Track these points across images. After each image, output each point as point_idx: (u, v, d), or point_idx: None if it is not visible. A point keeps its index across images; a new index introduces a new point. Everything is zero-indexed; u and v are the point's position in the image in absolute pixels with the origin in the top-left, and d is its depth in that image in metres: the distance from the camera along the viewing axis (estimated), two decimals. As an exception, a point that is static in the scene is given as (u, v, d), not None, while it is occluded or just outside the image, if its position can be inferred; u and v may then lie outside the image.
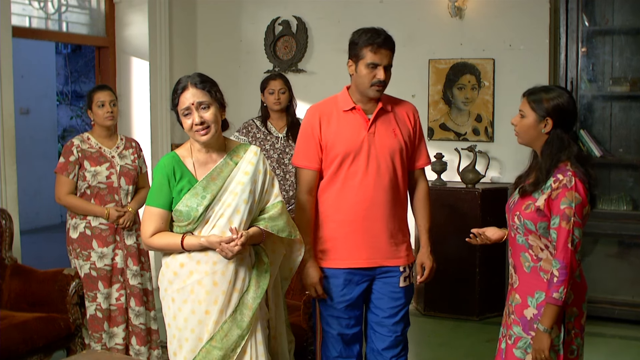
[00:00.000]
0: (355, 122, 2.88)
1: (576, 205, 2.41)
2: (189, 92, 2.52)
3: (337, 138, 2.86)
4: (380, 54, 2.78)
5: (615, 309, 4.78)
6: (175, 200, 2.54)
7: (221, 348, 2.51)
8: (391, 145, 2.88)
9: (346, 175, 2.87)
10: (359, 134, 2.86)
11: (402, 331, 2.96)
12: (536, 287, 2.50)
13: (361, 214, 2.86)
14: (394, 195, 2.90)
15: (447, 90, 5.29)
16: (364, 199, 2.85)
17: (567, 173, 2.45)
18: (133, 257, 3.77)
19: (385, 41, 2.79)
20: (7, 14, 4.25)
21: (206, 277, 2.51)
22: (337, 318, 2.92)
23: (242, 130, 4.20)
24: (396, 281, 2.92)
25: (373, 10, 5.41)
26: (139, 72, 5.33)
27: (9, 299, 3.70)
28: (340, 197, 2.88)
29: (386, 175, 2.86)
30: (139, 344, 3.76)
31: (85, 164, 3.69)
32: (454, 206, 4.86)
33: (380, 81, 2.79)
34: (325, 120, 2.90)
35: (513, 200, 2.59)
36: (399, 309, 2.94)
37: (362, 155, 2.85)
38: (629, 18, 4.85)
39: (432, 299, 5.00)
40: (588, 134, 4.87)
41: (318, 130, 2.89)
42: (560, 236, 2.40)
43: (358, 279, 2.90)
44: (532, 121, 2.51)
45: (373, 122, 2.87)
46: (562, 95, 2.52)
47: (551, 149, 2.50)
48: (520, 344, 2.52)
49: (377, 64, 2.78)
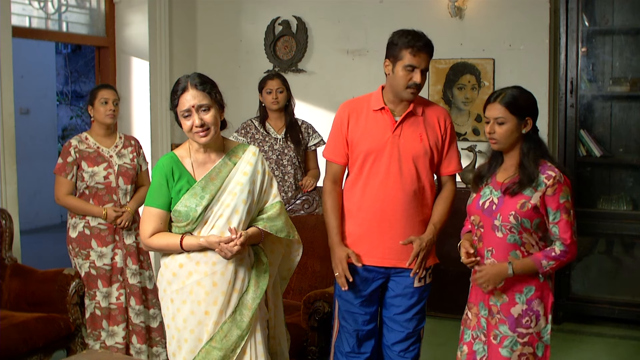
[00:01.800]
0: (382, 122, 2.90)
1: (570, 197, 2.49)
2: (189, 93, 2.51)
3: (363, 136, 2.90)
4: (419, 57, 2.80)
5: (615, 309, 4.77)
6: (174, 201, 2.54)
7: (221, 348, 2.51)
8: (415, 149, 2.88)
9: (368, 174, 2.90)
10: (384, 135, 2.88)
11: (415, 328, 2.98)
12: (525, 283, 2.53)
13: (379, 214, 2.88)
14: (415, 199, 2.89)
15: (447, 90, 5.29)
16: (383, 199, 2.88)
17: (554, 169, 2.49)
18: (132, 256, 3.77)
19: (425, 45, 2.82)
20: (7, 14, 4.25)
21: (205, 278, 2.51)
22: (353, 314, 2.97)
23: (240, 131, 4.20)
24: (410, 281, 2.94)
25: (373, 10, 5.41)
26: (139, 72, 5.33)
27: (9, 299, 3.70)
28: (362, 196, 2.91)
29: (408, 178, 2.87)
30: (140, 342, 3.77)
31: (83, 164, 3.69)
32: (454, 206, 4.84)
33: (416, 84, 2.81)
34: (354, 117, 2.94)
35: (491, 200, 2.58)
36: (412, 306, 2.96)
37: (384, 156, 2.87)
38: (629, 18, 4.85)
39: (432, 299, 4.94)
40: (588, 134, 4.87)
41: (346, 127, 2.94)
42: (566, 228, 2.47)
43: (374, 276, 2.93)
44: (514, 125, 2.53)
45: (400, 124, 2.88)
46: (525, 91, 2.57)
47: (534, 148, 2.53)
48: (506, 343, 2.54)
49: (414, 67, 2.80)
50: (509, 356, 2.53)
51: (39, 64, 9.01)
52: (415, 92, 2.85)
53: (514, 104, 2.51)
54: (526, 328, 2.53)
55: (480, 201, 2.61)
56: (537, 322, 2.53)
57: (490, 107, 2.55)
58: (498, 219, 2.53)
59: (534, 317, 2.53)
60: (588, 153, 4.86)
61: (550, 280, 2.56)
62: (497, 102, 2.53)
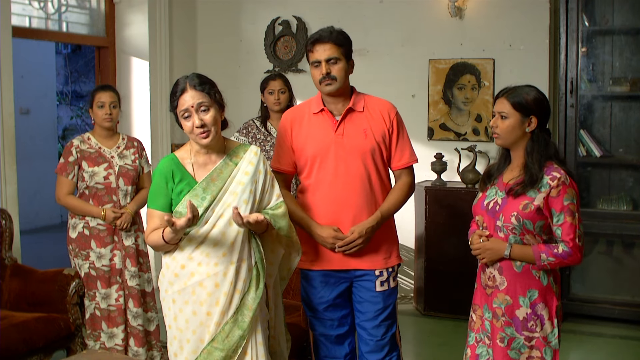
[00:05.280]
0: (323, 124, 2.85)
1: (576, 201, 2.46)
2: (188, 94, 2.50)
3: (306, 141, 2.86)
4: (316, 51, 2.77)
5: (615, 309, 4.77)
6: (175, 202, 2.54)
7: (223, 349, 2.51)
8: (361, 145, 2.81)
9: (316, 178, 2.85)
10: (326, 136, 2.83)
11: (383, 336, 2.88)
12: (528, 285, 2.51)
13: (333, 217, 2.82)
14: (368, 198, 2.83)
15: (447, 90, 5.29)
16: (334, 201, 2.82)
17: (560, 171, 2.47)
18: (131, 258, 3.76)
19: (319, 37, 2.77)
20: (7, 14, 4.25)
21: (208, 279, 2.51)
22: (319, 319, 2.93)
23: (242, 131, 4.20)
24: (372, 285, 2.86)
25: (373, 10, 5.41)
26: (139, 72, 5.33)
27: (9, 299, 3.70)
28: (313, 201, 2.86)
29: (357, 176, 2.81)
30: (137, 345, 3.76)
31: (84, 164, 3.69)
32: (454, 206, 4.86)
33: (325, 76, 2.76)
34: (297, 124, 2.89)
35: (495, 201, 2.58)
36: (377, 313, 2.87)
37: (330, 158, 2.82)
38: (629, 18, 4.85)
39: (432, 299, 5.00)
40: (588, 134, 4.87)
41: (290, 135, 2.89)
42: (569, 231, 2.44)
43: (334, 281, 2.88)
44: (516, 121, 2.51)
45: (341, 123, 2.82)
46: (538, 92, 2.55)
47: (539, 148, 2.51)
48: (514, 345, 2.52)
49: (319, 61, 2.77)
50: (517, 358, 2.52)
51: (39, 64, 9.01)
52: (331, 83, 2.76)
53: (519, 101, 2.50)
54: (531, 332, 2.51)
55: (485, 201, 2.60)
56: (542, 326, 2.50)
57: (498, 101, 2.56)
58: (500, 219, 2.52)
59: (539, 322, 2.50)
60: (588, 153, 4.86)
61: (555, 284, 2.54)
62: (504, 96, 2.54)
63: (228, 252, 2.52)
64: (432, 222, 4.94)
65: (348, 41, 2.83)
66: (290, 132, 2.89)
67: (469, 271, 4.79)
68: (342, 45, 2.78)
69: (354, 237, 2.77)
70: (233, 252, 2.52)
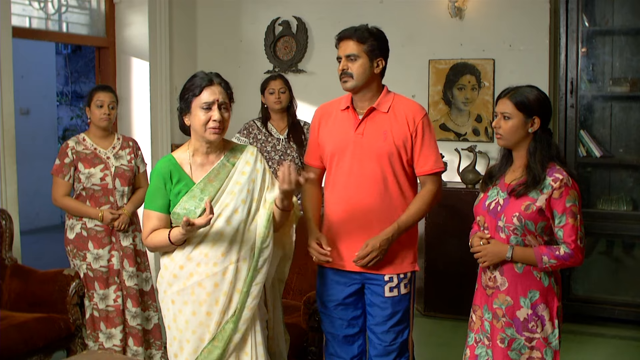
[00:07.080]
0: (347, 121, 2.84)
1: (578, 202, 2.46)
2: (216, 88, 2.52)
3: (329, 137, 2.87)
4: (339, 47, 2.79)
5: (615, 309, 4.77)
6: (173, 203, 2.54)
7: (222, 348, 2.51)
8: (379, 147, 2.76)
9: (334, 176, 2.84)
10: (346, 134, 2.81)
11: (392, 342, 2.83)
12: (529, 286, 2.51)
13: (346, 217, 2.80)
14: (384, 201, 2.77)
15: (447, 90, 5.29)
16: (348, 201, 2.80)
17: (563, 172, 2.47)
18: (129, 259, 3.76)
19: (341, 37, 2.78)
20: (7, 14, 4.25)
21: (207, 279, 2.51)
22: (329, 317, 2.91)
23: (243, 132, 4.20)
24: (382, 290, 2.81)
25: (373, 10, 5.41)
26: (139, 73, 5.32)
27: (9, 299, 3.70)
28: (331, 198, 2.87)
29: (371, 179, 2.76)
30: (136, 345, 3.76)
31: (80, 165, 3.69)
32: (454, 206, 4.86)
33: (343, 73, 2.77)
34: (325, 119, 2.91)
35: (497, 201, 2.57)
36: (386, 318, 2.82)
37: (346, 157, 2.80)
38: (629, 18, 4.85)
39: (432, 299, 5.00)
40: (588, 134, 4.87)
41: (317, 130, 2.92)
42: (571, 233, 2.44)
43: (345, 281, 2.85)
44: (519, 122, 2.51)
45: (362, 122, 2.80)
46: (540, 92, 2.55)
47: (542, 149, 2.51)
48: (514, 346, 2.52)
49: (339, 57, 2.79)
50: (517, 359, 2.51)
51: (39, 64, 9.00)
52: (347, 80, 2.76)
53: (521, 101, 2.50)
54: (532, 333, 2.51)
55: (487, 202, 2.60)
56: (542, 327, 2.50)
57: (500, 101, 2.56)
58: (502, 220, 2.51)
59: (540, 323, 2.50)
60: (588, 153, 4.86)
61: (556, 284, 2.54)
62: (506, 97, 2.54)
63: (227, 252, 2.51)
64: (432, 222, 4.94)
65: (377, 39, 2.77)
66: (318, 127, 2.92)
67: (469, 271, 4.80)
68: (365, 43, 2.74)
69: (368, 250, 2.73)
70: (232, 252, 2.52)
